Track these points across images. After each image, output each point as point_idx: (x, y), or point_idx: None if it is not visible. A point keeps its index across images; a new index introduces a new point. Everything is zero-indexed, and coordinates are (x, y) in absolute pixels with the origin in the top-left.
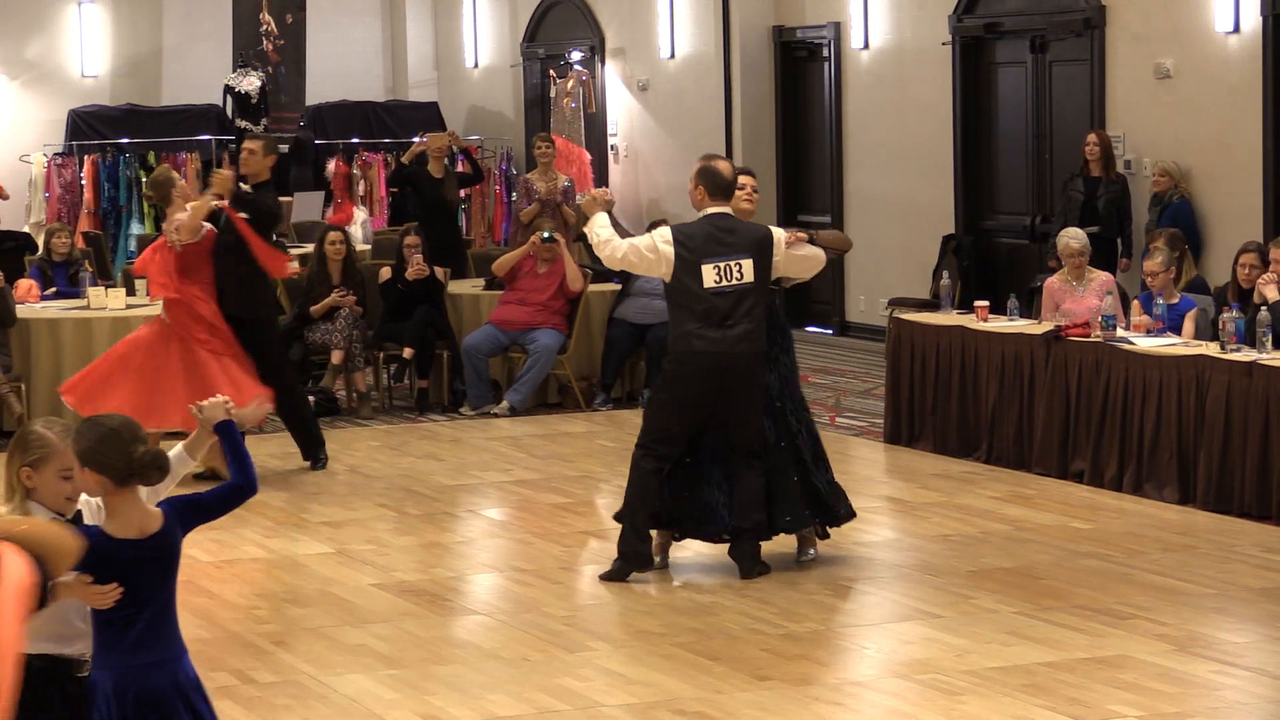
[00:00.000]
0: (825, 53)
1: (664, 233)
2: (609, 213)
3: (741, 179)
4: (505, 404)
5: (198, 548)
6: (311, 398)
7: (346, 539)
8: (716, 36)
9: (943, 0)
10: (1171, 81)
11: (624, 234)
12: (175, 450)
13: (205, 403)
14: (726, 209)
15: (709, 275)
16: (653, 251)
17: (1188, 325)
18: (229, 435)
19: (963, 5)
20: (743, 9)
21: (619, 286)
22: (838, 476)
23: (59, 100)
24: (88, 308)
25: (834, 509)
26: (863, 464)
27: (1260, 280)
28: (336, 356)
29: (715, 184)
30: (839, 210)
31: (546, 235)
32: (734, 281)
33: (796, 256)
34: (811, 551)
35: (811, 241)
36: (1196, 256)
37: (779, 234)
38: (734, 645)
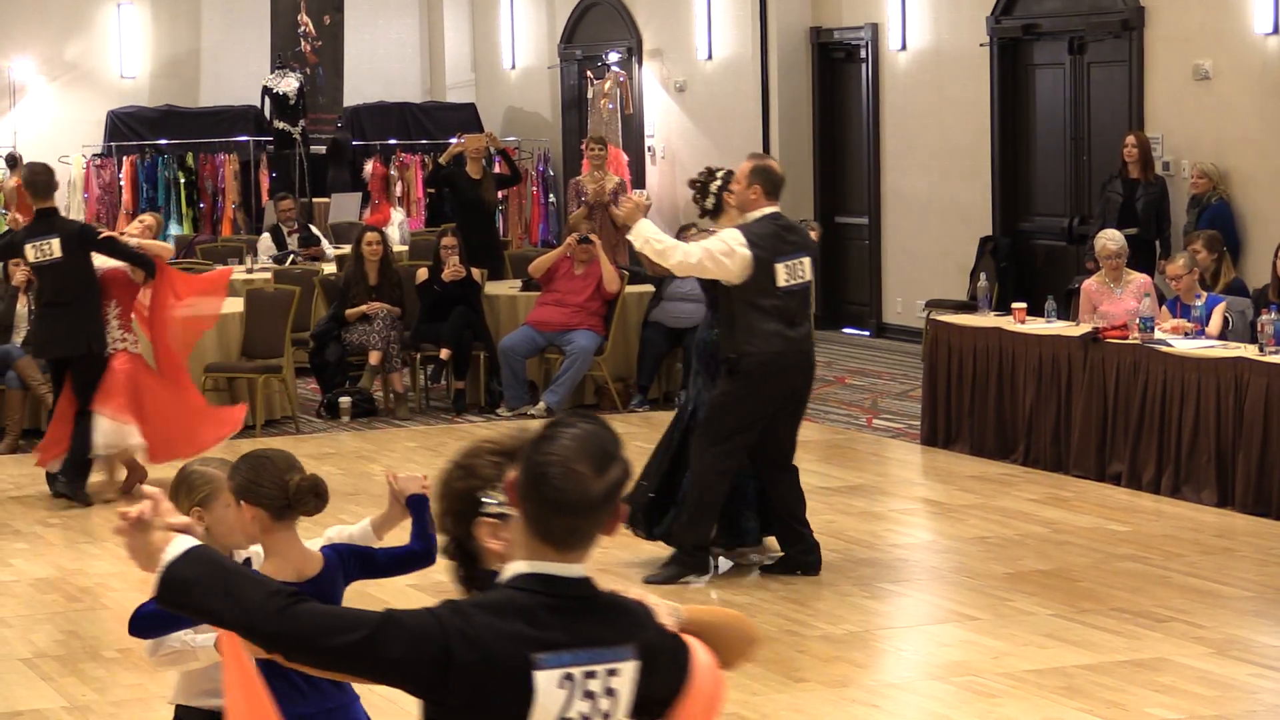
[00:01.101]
0: (863, 54)
1: (735, 234)
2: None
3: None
4: (542, 405)
5: None
6: (348, 398)
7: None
8: (754, 38)
9: (980, 1)
10: (1210, 83)
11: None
12: (360, 527)
13: (402, 476)
14: (777, 208)
15: (781, 274)
16: (729, 256)
17: (1215, 319)
18: (420, 509)
19: (1000, 6)
20: (780, 10)
21: (655, 289)
22: (874, 479)
23: (98, 101)
24: None
25: None
26: (899, 466)
27: None
28: (374, 357)
29: (771, 183)
30: (876, 212)
31: (582, 236)
32: (799, 280)
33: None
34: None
35: None
36: (1235, 258)
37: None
38: (770, 647)
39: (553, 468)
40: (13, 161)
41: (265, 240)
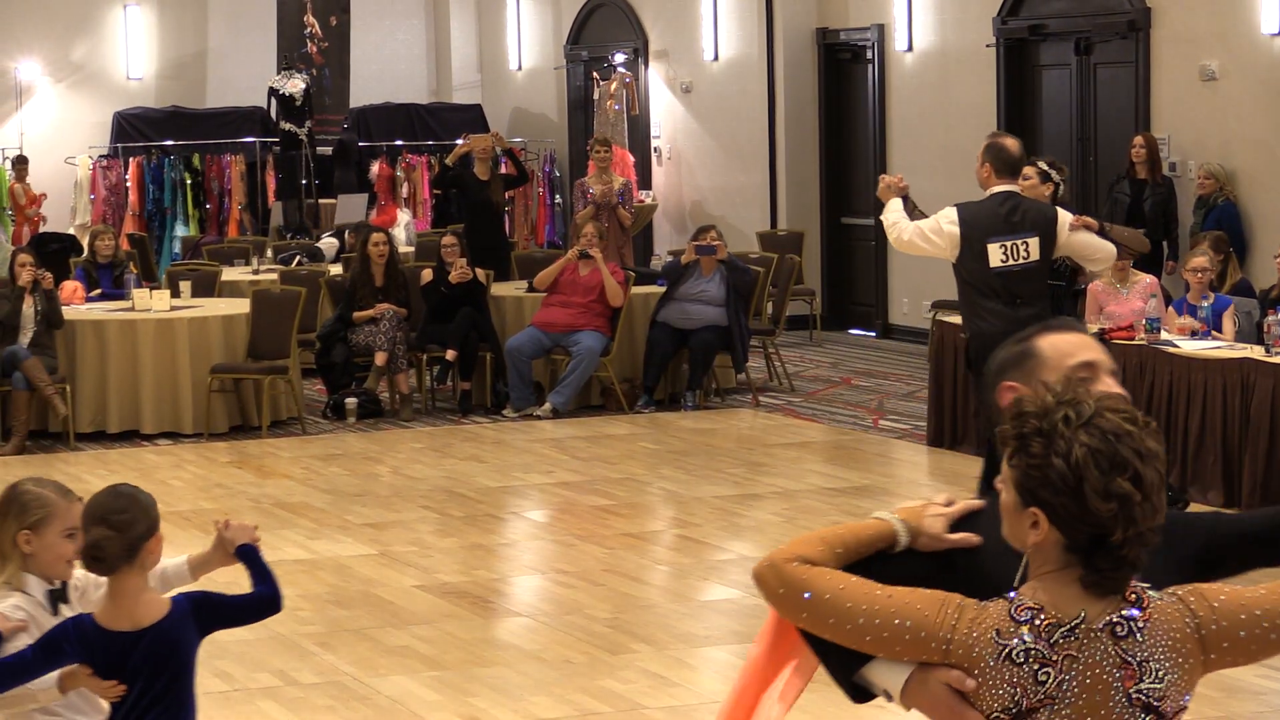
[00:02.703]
0: (869, 55)
1: (949, 213)
2: (905, 199)
3: (1025, 169)
4: (548, 406)
5: None
6: (354, 399)
7: (389, 540)
8: (760, 38)
9: (987, 2)
10: (1217, 84)
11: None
12: (175, 563)
13: (234, 524)
14: (1014, 187)
15: (995, 254)
16: (937, 234)
17: (1227, 324)
18: (253, 558)
19: (1007, 7)
20: (786, 11)
21: (663, 289)
22: (880, 480)
23: (104, 102)
24: (132, 309)
25: None
26: (906, 466)
27: None
28: (380, 359)
29: (1002, 161)
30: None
31: (583, 252)
32: (1020, 260)
33: (1078, 241)
34: None
35: (1102, 233)
36: (1241, 259)
37: (1064, 215)
38: None
39: None
40: (20, 162)
41: (330, 243)
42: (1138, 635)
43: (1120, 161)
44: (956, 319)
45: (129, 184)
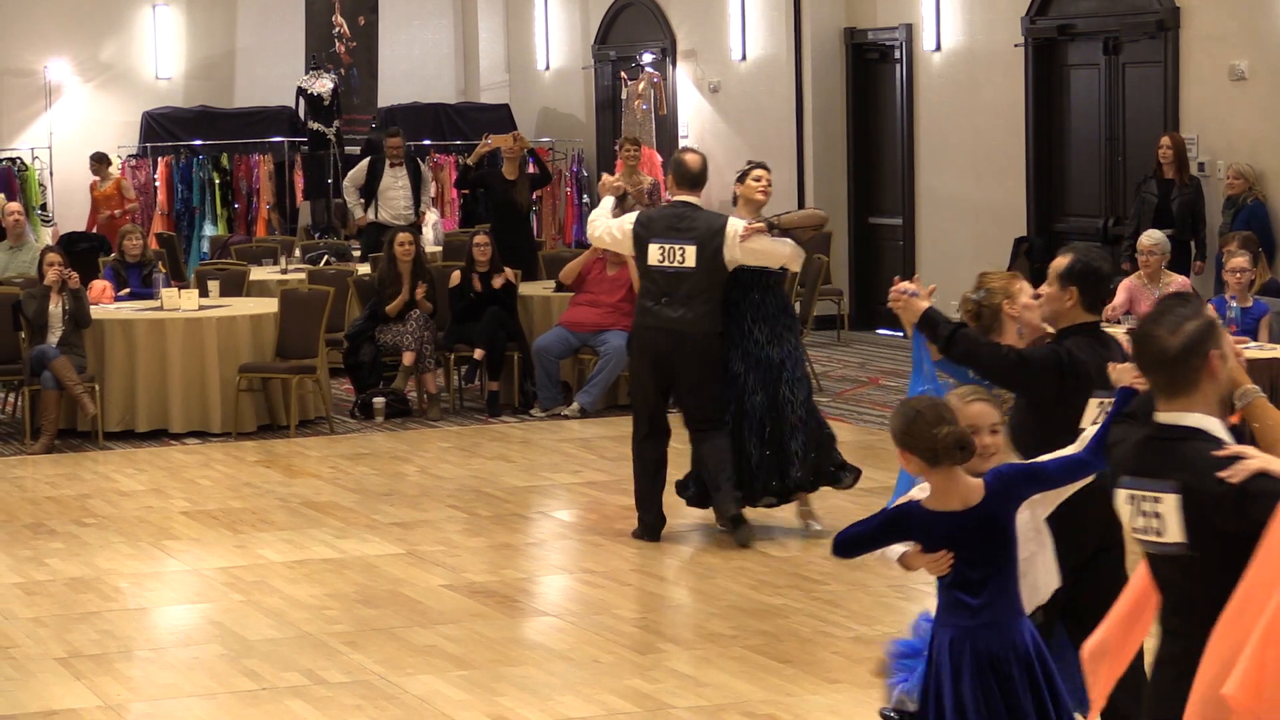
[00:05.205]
0: (897, 54)
1: (630, 216)
2: (621, 199)
3: (758, 171)
4: (576, 406)
5: (269, 548)
6: (382, 399)
7: (417, 540)
8: (788, 38)
9: (1015, 2)
10: (1246, 83)
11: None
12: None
13: (1119, 365)
14: (691, 198)
15: (654, 254)
16: (620, 232)
17: (1263, 331)
18: (1117, 404)
19: (1035, 7)
20: (814, 11)
21: None
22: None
23: (133, 102)
24: (161, 309)
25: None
26: None
27: None
28: (408, 358)
29: (680, 174)
30: (910, 212)
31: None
32: (675, 264)
33: (752, 248)
34: (815, 525)
35: (774, 229)
36: (1271, 259)
37: (734, 226)
38: (804, 648)
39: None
40: (102, 159)
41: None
42: None
43: (1149, 161)
44: None
45: (158, 183)
